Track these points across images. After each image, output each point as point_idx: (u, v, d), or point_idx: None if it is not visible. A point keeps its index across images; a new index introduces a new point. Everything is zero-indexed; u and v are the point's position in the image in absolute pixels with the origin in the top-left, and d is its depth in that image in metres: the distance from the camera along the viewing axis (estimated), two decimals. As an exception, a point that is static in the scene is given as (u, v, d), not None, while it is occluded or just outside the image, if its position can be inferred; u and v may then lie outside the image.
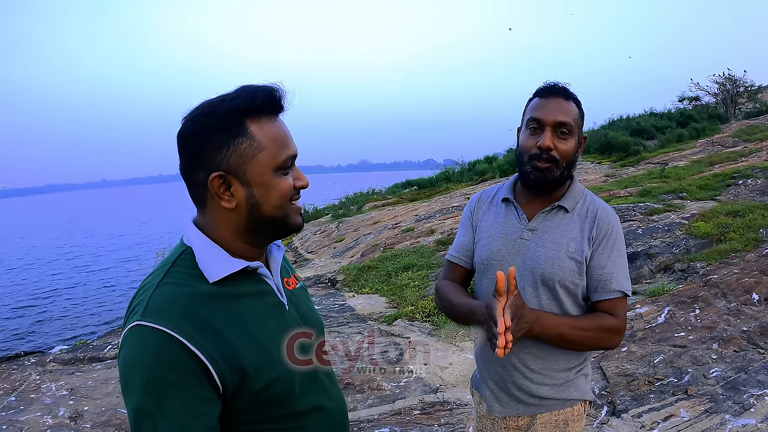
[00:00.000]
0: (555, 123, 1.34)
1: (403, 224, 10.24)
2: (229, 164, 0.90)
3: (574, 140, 1.37)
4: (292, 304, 1.04)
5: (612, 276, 1.34)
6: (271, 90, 0.92)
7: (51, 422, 3.64)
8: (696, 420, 2.77)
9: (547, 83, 1.41)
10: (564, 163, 1.36)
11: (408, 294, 5.92)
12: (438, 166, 20.31)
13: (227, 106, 0.90)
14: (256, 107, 0.91)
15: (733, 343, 3.48)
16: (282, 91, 0.94)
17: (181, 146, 0.93)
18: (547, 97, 1.37)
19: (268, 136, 0.92)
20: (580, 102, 1.41)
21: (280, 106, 0.95)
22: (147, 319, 0.84)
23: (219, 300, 0.90)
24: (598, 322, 1.32)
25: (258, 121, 0.91)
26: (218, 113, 0.89)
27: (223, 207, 0.92)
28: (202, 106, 0.91)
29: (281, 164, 0.93)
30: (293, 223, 0.99)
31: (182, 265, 0.93)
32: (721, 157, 10.52)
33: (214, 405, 0.87)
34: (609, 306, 1.34)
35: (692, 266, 5.01)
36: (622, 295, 1.34)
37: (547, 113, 1.35)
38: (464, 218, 1.56)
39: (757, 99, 18.63)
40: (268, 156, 0.92)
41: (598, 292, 1.35)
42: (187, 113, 0.92)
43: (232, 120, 0.90)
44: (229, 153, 0.90)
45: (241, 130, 0.90)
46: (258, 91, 0.91)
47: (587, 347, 1.36)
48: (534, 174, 1.37)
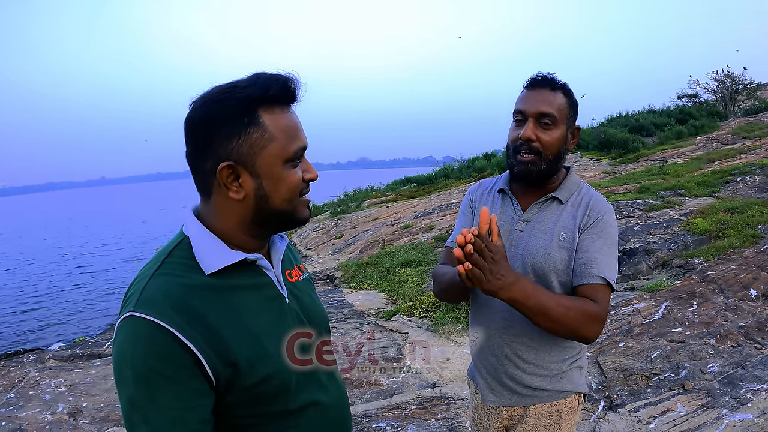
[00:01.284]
0: (537, 113, 1.34)
1: (402, 221, 10.24)
2: (239, 154, 0.87)
3: (559, 131, 1.36)
4: (294, 296, 1.02)
5: (594, 261, 1.31)
6: (287, 79, 0.90)
7: (50, 418, 3.64)
8: (693, 415, 2.77)
9: (535, 74, 1.40)
10: (549, 155, 1.35)
11: (406, 290, 5.93)
12: (437, 163, 20.33)
13: (240, 93, 0.86)
14: (269, 97, 0.88)
15: (731, 339, 3.49)
16: (297, 81, 0.91)
17: (188, 132, 0.89)
18: (532, 89, 1.38)
19: (280, 127, 0.89)
20: (570, 92, 1.39)
21: (294, 97, 0.92)
22: (139, 310, 0.83)
23: (214, 292, 0.88)
24: (582, 305, 1.26)
25: (271, 110, 0.89)
26: (230, 101, 0.86)
27: (230, 198, 0.90)
28: (213, 93, 0.88)
29: (292, 156, 0.91)
30: (301, 216, 0.96)
31: (179, 256, 0.91)
32: (720, 154, 10.52)
33: (207, 397, 0.85)
34: (589, 291, 1.29)
35: (690, 262, 5.02)
36: (604, 282, 1.30)
37: (529, 104, 1.35)
38: (464, 206, 1.57)
39: (756, 96, 18.63)
40: (279, 147, 0.89)
41: (578, 276, 1.32)
42: (197, 98, 0.89)
43: (244, 108, 0.87)
44: (240, 142, 0.87)
45: (253, 120, 0.87)
46: (273, 80, 0.88)
47: (567, 329, 1.25)
48: (518, 167, 1.37)
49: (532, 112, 1.35)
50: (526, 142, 1.34)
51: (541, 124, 1.34)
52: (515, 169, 1.38)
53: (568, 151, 1.42)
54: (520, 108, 1.37)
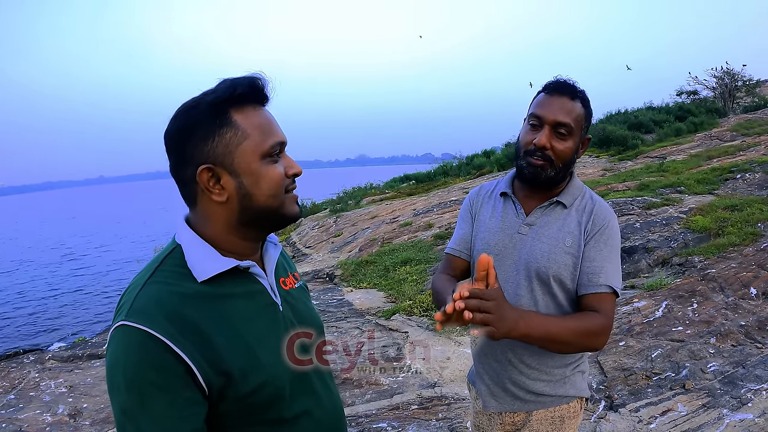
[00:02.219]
0: (555, 122, 1.32)
1: (401, 219, 10.24)
2: (216, 155, 0.89)
3: (573, 141, 1.34)
4: (287, 304, 1.02)
5: (601, 270, 1.30)
6: (252, 79, 0.91)
7: (50, 420, 3.64)
8: (693, 414, 2.77)
9: (556, 79, 1.37)
10: (560, 163, 1.34)
11: (406, 288, 5.93)
12: (436, 160, 20.37)
13: (209, 98, 0.89)
14: (237, 96, 0.90)
15: (731, 338, 3.49)
16: (264, 80, 0.92)
17: (167, 145, 0.92)
18: (552, 95, 1.34)
19: (253, 124, 0.91)
20: (588, 102, 1.37)
21: (264, 95, 0.94)
22: (131, 319, 0.83)
23: (206, 300, 0.88)
24: (587, 324, 1.24)
25: (242, 110, 0.90)
26: (201, 106, 0.89)
27: (214, 201, 0.91)
28: (184, 103, 0.91)
29: (268, 150, 0.92)
30: (289, 212, 0.96)
31: (171, 264, 0.91)
32: (720, 151, 10.52)
33: (200, 406, 0.85)
34: (595, 300, 1.29)
35: (690, 260, 5.02)
36: (611, 291, 1.29)
37: (548, 111, 1.32)
38: (463, 211, 1.56)
39: (756, 93, 18.65)
40: (254, 143, 0.90)
41: (585, 285, 1.31)
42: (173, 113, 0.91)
43: (215, 111, 0.89)
44: (215, 144, 0.88)
45: (224, 120, 0.89)
46: (239, 80, 0.90)
47: (575, 349, 1.28)
48: (528, 170, 1.36)
49: (551, 120, 1.32)
50: (540, 149, 1.32)
51: (557, 132, 1.32)
52: (525, 171, 1.37)
53: (577, 159, 1.41)
54: (538, 113, 1.34)
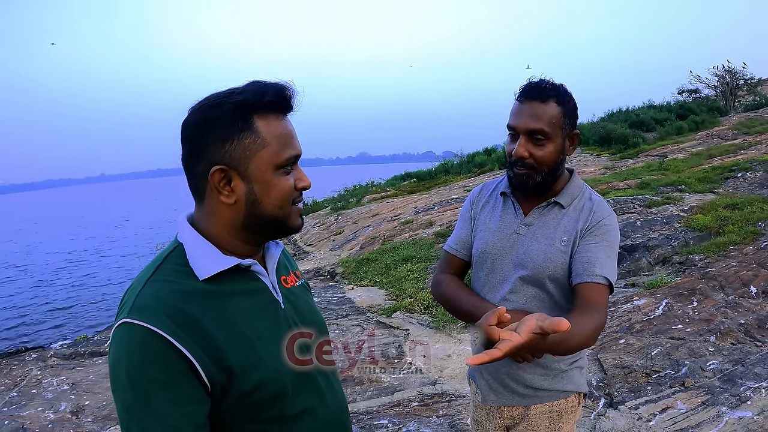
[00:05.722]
0: (528, 131, 1.30)
1: (402, 216, 10.25)
2: (232, 158, 0.89)
3: (553, 144, 1.32)
4: (289, 302, 1.02)
5: (597, 260, 1.28)
6: (282, 88, 0.91)
7: (53, 417, 3.66)
8: (693, 412, 2.79)
9: (525, 84, 1.35)
10: (544, 168, 1.33)
11: (407, 286, 5.94)
12: (437, 158, 20.37)
13: (235, 99, 0.88)
14: (264, 103, 0.90)
15: (731, 336, 3.50)
16: (293, 90, 0.92)
17: (184, 136, 0.91)
18: (523, 102, 1.33)
19: (274, 134, 0.90)
20: (565, 98, 1.33)
21: (289, 105, 0.94)
22: (133, 317, 0.83)
23: (208, 298, 0.89)
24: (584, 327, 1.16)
25: (265, 117, 0.90)
26: (225, 106, 0.88)
27: (221, 201, 0.91)
28: (209, 98, 0.90)
29: (283, 163, 0.92)
30: (292, 225, 0.97)
31: (173, 262, 0.92)
32: (721, 150, 10.52)
33: (203, 403, 0.86)
34: (589, 290, 1.25)
35: (690, 259, 5.03)
36: (606, 282, 1.27)
37: (520, 120, 1.32)
38: (464, 211, 1.57)
39: (757, 92, 18.62)
40: (272, 153, 0.90)
41: (580, 275, 1.28)
42: (195, 103, 0.91)
43: (238, 114, 0.88)
44: (233, 147, 0.88)
45: (247, 125, 0.89)
46: (268, 87, 0.90)
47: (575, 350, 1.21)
48: (515, 179, 1.38)
49: (523, 128, 1.31)
50: (520, 159, 1.33)
51: (534, 139, 1.31)
52: (513, 180, 1.39)
53: (568, 156, 1.41)
54: (512, 123, 1.34)
